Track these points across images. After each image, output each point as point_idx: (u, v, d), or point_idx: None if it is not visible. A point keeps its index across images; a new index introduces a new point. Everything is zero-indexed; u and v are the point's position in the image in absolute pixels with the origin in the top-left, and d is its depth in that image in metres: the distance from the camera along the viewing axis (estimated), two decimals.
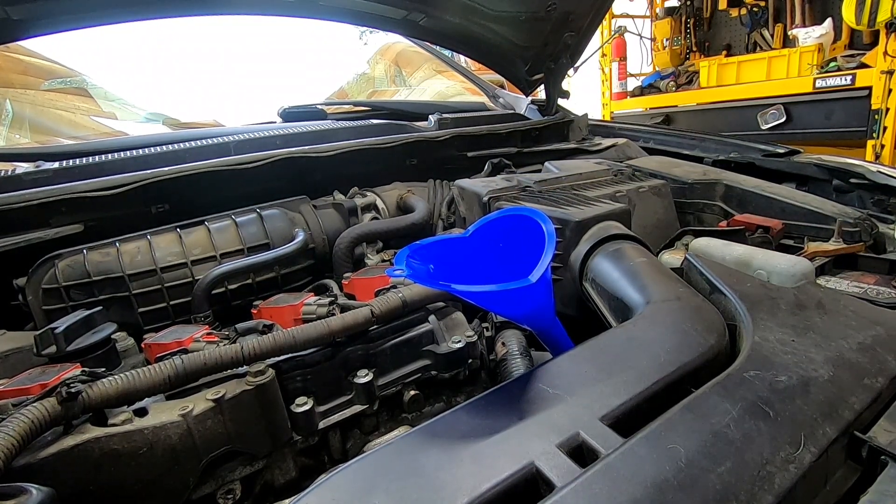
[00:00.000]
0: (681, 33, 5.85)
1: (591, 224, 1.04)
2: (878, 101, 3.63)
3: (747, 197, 1.42)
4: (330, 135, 1.62)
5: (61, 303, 1.03)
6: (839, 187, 1.44)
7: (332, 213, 1.43)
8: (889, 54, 3.50)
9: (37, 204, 1.12)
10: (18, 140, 2.53)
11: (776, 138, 3.92)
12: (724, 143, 1.84)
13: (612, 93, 6.02)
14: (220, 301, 1.13)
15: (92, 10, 1.31)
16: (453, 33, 1.90)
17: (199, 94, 3.82)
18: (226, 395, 0.69)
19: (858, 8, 3.61)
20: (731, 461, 0.47)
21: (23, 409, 0.57)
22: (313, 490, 0.48)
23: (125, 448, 0.62)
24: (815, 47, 4.26)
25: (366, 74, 4.77)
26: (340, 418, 0.80)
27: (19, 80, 2.77)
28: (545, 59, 1.94)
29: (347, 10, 1.68)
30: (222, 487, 0.72)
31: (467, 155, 1.73)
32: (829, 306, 0.75)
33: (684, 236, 1.20)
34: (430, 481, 0.47)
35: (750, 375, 0.58)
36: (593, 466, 0.46)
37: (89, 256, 1.06)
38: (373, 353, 0.85)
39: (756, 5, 5.17)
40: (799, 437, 0.50)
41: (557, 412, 0.55)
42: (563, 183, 1.34)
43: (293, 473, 0.78)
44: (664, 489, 0.44)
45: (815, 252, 1.10)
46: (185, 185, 1.26)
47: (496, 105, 2.32)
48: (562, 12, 1.71)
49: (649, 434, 0.50)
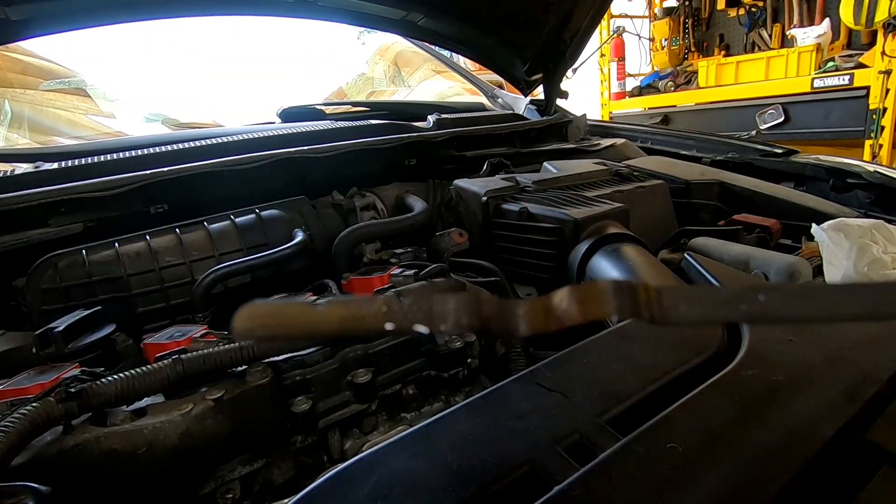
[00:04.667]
0: (679, 33, 5.86)
1: (590, 224, 1.04)
2: (875, 100, 3.64)
3: (745, 196, 1.42)
4: (329, 135, 1.62)
5: (61, 303, 1.03)
6: (837, 187, 1.44)
7: (331, 213, 1.43)
8: (887, 54, 3.52)
9: (36, 204, 1.12)
10: (17, 140, 2.53)
11: (774, 138, 3.93)
12: (722, 143, 1.84)
13: (611, 93, 6.03)
14: (219, 301, 1.13)
15: (92, 10, 1.31)
16: (452, 33, 1.90)
17: (199, 94, 3.82)
18: (225, 395, 0.69)
19: (856, 8, 3.62)
20: (729, 460, 0.47)
21: (22, 409, 0.57)
22: (312, 489, 0.48)
23: (124, 448, 0.62)
24: (814, 47, 4.27)
25: (365, 75, 4.78)
26: (339, 418, 0.80)
27: (18, 80, 2.77)
28: (544, 60, 1.94)
29: (346, 11, 1.68)
30: (221, 487, 0.72)
31: (466, 155, 1.73)
32: None
33: (682, 236, 1.21)
34: (429, 481, 0.47)
35: (748, 374, 0.58)
36: (592, 465, 0.46)
37: (89, 256, 1.06)
38: (372, 353, 0.85)
39: (754, 5, 5.18)
40: (797, 436, 0.50)
41: (556, 411, 0.55)
42: (561, 183, 1.34)
43: (292, 473, 0.78)
44: (663, 488, 0.44)
45: (812, 252, 1.11)
46: (185, 185, 1.26)
47: (495, 105, 2.32)
48: (560, 12, 1.71)
49: (648, 433, 0.50)
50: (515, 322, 0.36)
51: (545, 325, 0.36)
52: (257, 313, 0.35)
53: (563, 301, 0.36)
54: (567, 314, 0.36)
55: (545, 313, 0.36)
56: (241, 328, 0.35)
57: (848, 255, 0.97)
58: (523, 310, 0.37)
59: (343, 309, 0.35)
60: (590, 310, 0.36)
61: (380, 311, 0.34)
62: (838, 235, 1.00)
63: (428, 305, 0.35)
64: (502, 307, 0.37)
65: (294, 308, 0.35)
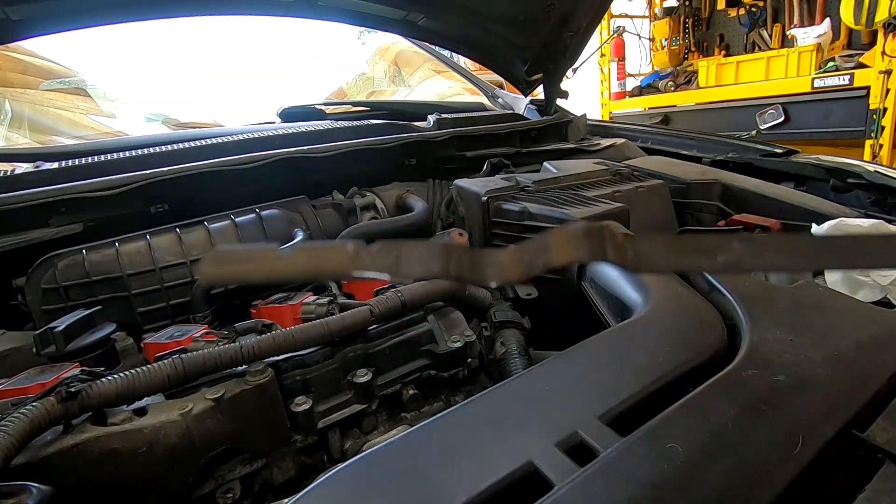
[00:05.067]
0: (679, 33, 5.86)
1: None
2: (876, 100, 3.64)
3: (745, 197, 1.42)
4: (329, 135, 1.62)
5: (61, 303, 1.03)
6: (837, 187, 1.44)
7: (331, 213, 1.43)
8: (887, 54, 3.51)
9: (36, 204, 1.12)
10: (17, 140, 2.53)
11: (774, 138, 3.93)
12: (723, 143, 1.84)
13: (611, 93, 6.02)
14: (219, 300, 1.13)
15: (92, 10, 1.31)
16: (452, 34, 1.90)
17: (199, 94, 3.82)
18: (225, 395, 0.69)
19: (856, 8, 3.62)
20: (729, 460, 0.47)
21: (22, 409, 0.57)
22: (312, 489, 0.48)
23: (125, 447, 0.63)
24: (814, 47, 4.26)
25: (365, 74, 4.78)
26: (339, 418, 0.80)
27: (18, 80, 2.77)
28: (544, 60, 1.94)
29: (346, 11, 1.68)
30: (221, 486, 0.72)
31: (466, 155, 1.73)
32: (827, 305, 0.75)
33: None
34: (429, 480, 0.47)
35: (748, 374, 0.58)
36: (592, 465, 0.46)
37: (88, 256, 1.06)
38: (372, 353, 0.85)
39: (754, 5, 5.18)
40: (797, 436, 0.50)
41: (556, 411, 0.55)
42: (561, 183, 1.34)
43: (292, 473, 0.78)
44: (662, 488, 0.44)
45: None
46: (185, 185, 1.26)
47: (495, 105, 2.32)
48: (560, 12, 1.71)
49: (648, 433, 0.50)
50: (484, 271, 0.35)
51: (517, 273, 0.35)
52: (224, 257, 0.34)
53: (534, 247, 0.35)
54: (538, 260, 0.35)
55: (517, 261, 0.35)
56: (209, 271, 0.34)
57: None
58: (494, 258, 0.36)
59: (309, 253, 0.34)
60: (561, 254, 0.34)
61: (346, 257, 0.33)
62: None
63: (396, 252, 0.34)
64: (472, 256, 0.35)
65: (260, 252, 0.35)
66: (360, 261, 0.33)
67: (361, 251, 0.34)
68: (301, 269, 0.34)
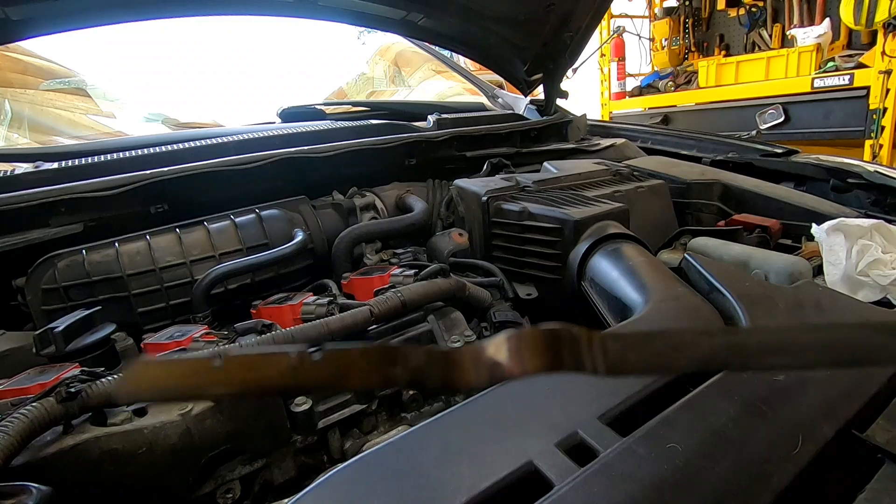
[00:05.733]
0: (679, 33, 5.86)
1: (590, 223, 1.04)
2: (876, 100, 3.64)
3: (745, 197, 1.42)
4: (329, 135, 1.62)
5: (60, 303, 1.03)
6: (837, 187, 1.44)
7: (331, 213, 1.43)
8: (887, 54, 3.51)
9: (36, 204, 1.12)
10: (17, 140, 2.53)
11: (774, 138, 3.93)
12: (723, 143, 1.84)
13: (611, 93, 6.02)
14: (219, 301, 1.13)
15: (92, 10, 1.31)
16: (452, 34, 1.90)
17: (199, 94, 3.82)
18: None
19: (856, 8, 3.62)
20: (729, 460, 0.47)
21: (22, 409, 0.57)
22: (312, 489, 0.48)
23: (125, 447, 0.63)
24: (814, 47, 4.26)
25: (365, 75, 4.78)
26: (339, 418, 0.80)
27: (18, 80, 2.77)
28: (544, 60, 1.94)
29: (346, 11, 1.68)
30: (221, 486, 0.72)
31: (466, 155, 1.74)
32: (826, 305, 0.75)
33: (682, 236, 1.21)
34: (429, 480, 0.47)
35: (748, 374, 0.58)
36: (592, 465, 0.46)
37: (88, 256, 1.06)
38: None
39: (754, 5, 5.18)
40: (797, 435, 0.50)
41: (556, 411, 0.55)
42: (561, 183, 1.34)
43: (292, 473, 0.78)
44: (662, 488, 0.44)
45: (812, 252, 1.11)
46: (185, 185, 1.26)
47: (495, 105, 2.32)
48: (560, 12, 1.71)
49: (648, 433, 0.50)
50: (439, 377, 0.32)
51: (476, 378, 0.32)
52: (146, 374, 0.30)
53: (497, 352, 0.32)
54: (498, 369, 0.31)
55: (476, 364, 0.32)
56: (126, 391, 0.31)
57: (848, 255, 0.97)
58: (451, 358, 0.32)
59: (245, 366, 0.30)
60: (527, 363, 0.31)
61: (286, 368, 0.30)
62: (838, 235, 1.00)
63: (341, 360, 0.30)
64: (428, 359, 0.32)
65: (189, 365, 0.30)
66: (301, 371, 0.30)
67: (305, 361, 0.30)
68: (237, 385, 0.30)
